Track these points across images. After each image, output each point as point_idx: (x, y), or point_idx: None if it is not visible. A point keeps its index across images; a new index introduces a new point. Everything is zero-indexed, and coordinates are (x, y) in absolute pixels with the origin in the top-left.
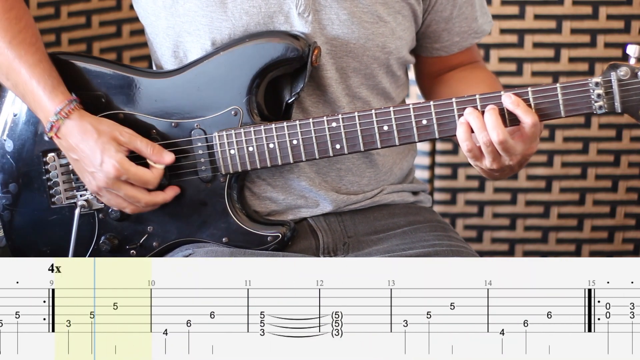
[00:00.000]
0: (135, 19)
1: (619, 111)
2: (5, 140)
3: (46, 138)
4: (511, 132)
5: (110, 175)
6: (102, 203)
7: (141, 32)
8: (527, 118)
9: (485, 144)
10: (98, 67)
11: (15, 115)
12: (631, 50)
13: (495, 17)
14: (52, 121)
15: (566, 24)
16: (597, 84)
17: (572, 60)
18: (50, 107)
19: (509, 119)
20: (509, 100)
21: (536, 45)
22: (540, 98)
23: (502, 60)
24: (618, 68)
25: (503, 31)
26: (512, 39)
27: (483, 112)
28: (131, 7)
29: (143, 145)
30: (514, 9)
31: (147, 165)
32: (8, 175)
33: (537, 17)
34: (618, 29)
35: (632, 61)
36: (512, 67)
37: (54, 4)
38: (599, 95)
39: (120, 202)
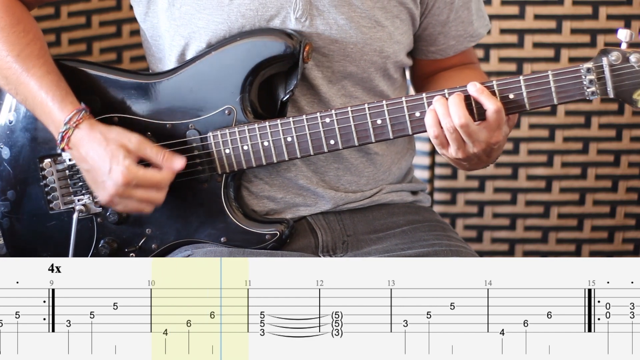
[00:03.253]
0: (136, 19)
1: (612, 96)
2: (1, 147)
3: (58, 150)
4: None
5: (119, 182)
6: (100, 207)
7: None
8: (490, 104)
9: (449, 130)
10: (92, 70)
11: (10, 123)
12: (622, 34)
13: (495, 17)
14: (62, 132)
15: (566, 24)
16: (588, 69)
17: (572, 60)
18: (60, 117)
19: (478, 113)
20: (474, 88)
21: (536, 45)
22: (532, 86)
23: (502, 60)
24: (609, 53)
25: (503, 31)
26: (512, 39)
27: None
28: (131, 7)
29: (153, 153)
30: (514, 9)
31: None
32: (5, 182)
33: (537, 17)
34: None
35: (624, 45)
36: (512, 67)
37: (54, 4)
38: (591, 81)
39: (137, 206)
